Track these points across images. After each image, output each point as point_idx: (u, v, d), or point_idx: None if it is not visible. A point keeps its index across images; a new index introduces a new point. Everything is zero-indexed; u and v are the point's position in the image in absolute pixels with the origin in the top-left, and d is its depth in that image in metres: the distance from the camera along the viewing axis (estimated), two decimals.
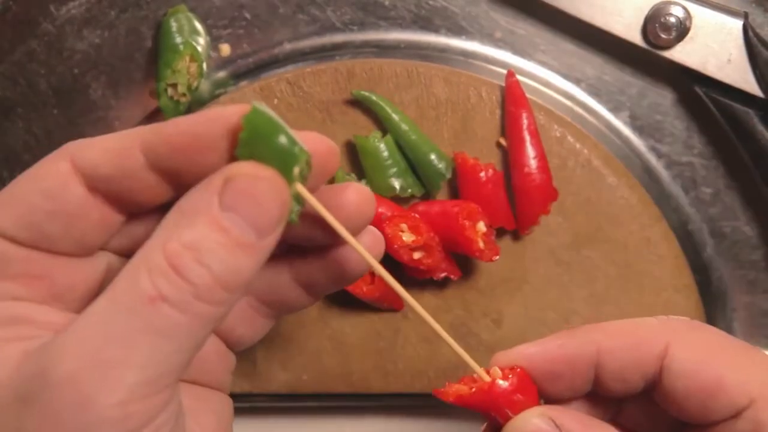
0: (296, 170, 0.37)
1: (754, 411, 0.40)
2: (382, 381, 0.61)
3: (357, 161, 0.59)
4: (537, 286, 0.60)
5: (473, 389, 0.42)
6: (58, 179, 0.38)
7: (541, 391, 0.43)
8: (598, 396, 0.44)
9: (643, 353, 0.41)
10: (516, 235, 0.60)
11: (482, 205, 0.58)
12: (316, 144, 0.39)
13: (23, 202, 0.37)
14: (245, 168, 0.36)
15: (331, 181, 0.59)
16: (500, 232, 0.60)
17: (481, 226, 0.58)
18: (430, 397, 0.61)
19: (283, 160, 0.37)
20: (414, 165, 0.59)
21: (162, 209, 0.39)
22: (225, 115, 0.37)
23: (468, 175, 0.58)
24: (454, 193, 0.60)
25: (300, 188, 0.38)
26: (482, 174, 0.58)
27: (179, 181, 0.38)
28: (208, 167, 0.37)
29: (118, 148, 0.38)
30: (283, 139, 0.36)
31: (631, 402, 0.44)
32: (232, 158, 0.37)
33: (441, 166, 0.59)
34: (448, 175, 0.59)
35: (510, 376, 0.42)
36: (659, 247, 0.60)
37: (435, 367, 0.61)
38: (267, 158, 0.37)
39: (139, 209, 0.39)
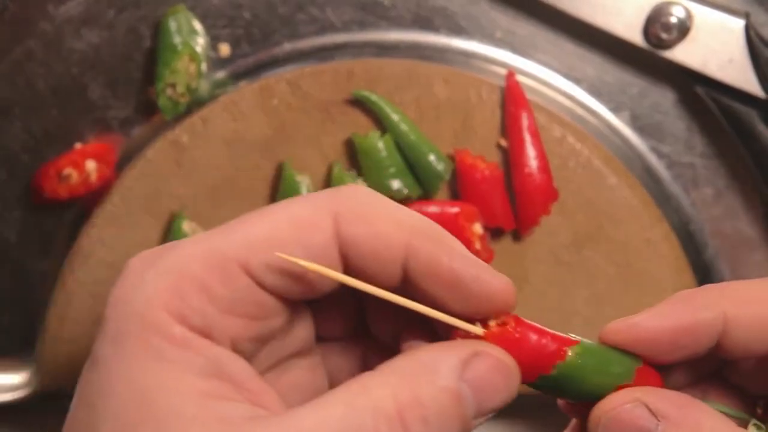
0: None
1: None
2: None
3: (356, 160, 0.59)
4: (537, 287, 0.60)
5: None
6: (323, 239, 0.37)
7: (650, 360, 0.40)
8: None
9: None
10: (516, 236, 0.60)
11: (481, 205, 0.58)
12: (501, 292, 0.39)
13: (284, 251, 0.36)
14: (495, 350, 0.37)
15: (330, 180, 0.59)
16: (500, 233, 0.60)
17: (478, 228, 0.58)
18: None
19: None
20: (413, 166, 0.59)
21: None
22: (494, 278, 0.38)
23: (468, 173, 0.58)
24: (453, 194, 0.59)
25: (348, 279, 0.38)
26: (482, 173, 0.58)
27: (414, 291, 0.38)
28: (446, 306, 0.38)
29: (387, 239, 0.37)
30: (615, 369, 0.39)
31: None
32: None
33: (440, 168, 0.59)
34: (447, 177, 0.59)
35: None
36: (660, 248, 0.60)
37: None
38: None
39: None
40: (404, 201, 0.59)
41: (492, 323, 0.38)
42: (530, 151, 0.58)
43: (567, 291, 0.60)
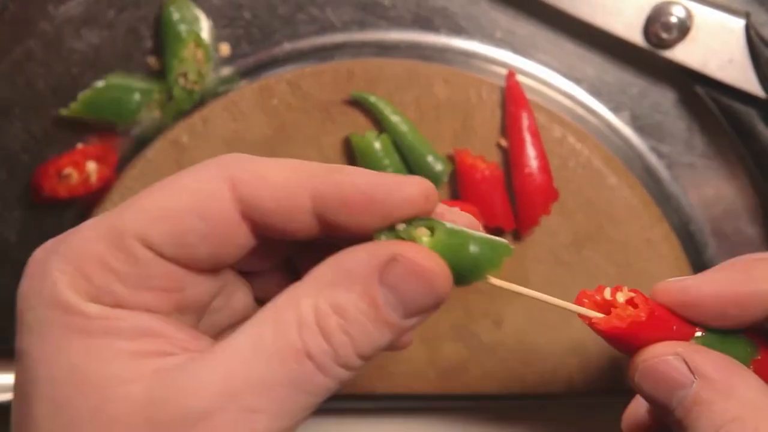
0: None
1: None
2: (385, 382, 0.61)
3: (355, 160, 0.59)
4: (538, 287, 0.60)
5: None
6: (218, 204, 0.37)
7: (699, 323, 0.40)
8: None
9: None
10: (516, 236, 0.60)
11: (481, 205, 0.58)
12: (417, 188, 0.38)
13: (178, 220, 0.37)
14: (415, 252, 0.36)
15: None
16: (500, 233, 0.60)
17: None
18: (432, 398, 0.61)
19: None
20: (411, 167, 0.59)
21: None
22: (405, 185, 0.37)
23: (468, 173, 0.58)
24: (453, 194, 0.59)
25: (494, 280, 0.39)
26: (482, 173, 0.58)
27: (333, 231, 0.38)
28: (367, 229, 0.37)
29: (287, 188, 0.37)
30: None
31: None
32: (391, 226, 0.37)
33: (438, 169, 0.59)
34: (445, 179, 0.59)
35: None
36: (660, 248, 0.59)
37: (436, 369, 0.60)
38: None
39: (281, 242, 0.39)
40: None
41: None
42: (530, 151, 0.58)
43: (567, 291, 0.60)
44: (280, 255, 0.42)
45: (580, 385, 0.60)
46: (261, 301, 0.41)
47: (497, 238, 0.39)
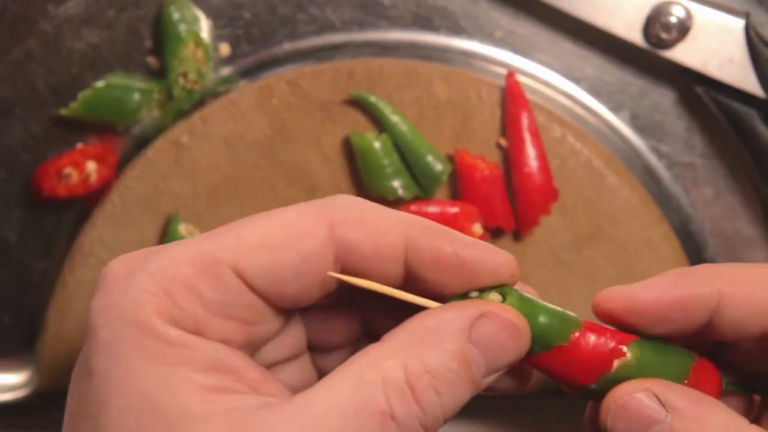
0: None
1: None
2: None
3: (355, 160, 0.59)
4: (537, 287, 0.60)
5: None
6: (316, 243, 0.37)
7: (642, 331, 0.40)
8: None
9: None
10: (516, 236, 0.60)
11: (481, 205, 0.58)
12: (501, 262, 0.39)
13: (275, 254, 0.36)
14: (502, 310, 0.37)
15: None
16: (500, 233, 0.60)
17: (478, 228, 0.58)
18: None
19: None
20: (411, 167, 0.59)
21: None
22: (496, 255, 0.38)
23: (467, 173, 0.58)
24: (453, 194, 0.59)
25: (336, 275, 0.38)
26: (482, 173, 0.58)
27: (412, 284, 0.38)
28: (448, 289, 0.38)
29: (386, 234, 0.37)
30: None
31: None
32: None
33: (438, 169, 0.58)
34: (445, 179, 0.59)
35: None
36: (660, 248, 0.59)
37: None
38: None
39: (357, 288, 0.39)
40: (402, 201, 0.59)
41: (493, 294, 0.38)
42: (530, 151, 0.58)
43: (567, 291, 0.60)
44: (344, 299, 0.42)
45: None
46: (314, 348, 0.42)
47: (566, 310, 0.39)
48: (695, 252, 0.61)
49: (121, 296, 0.36)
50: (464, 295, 0.38)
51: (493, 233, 0.60)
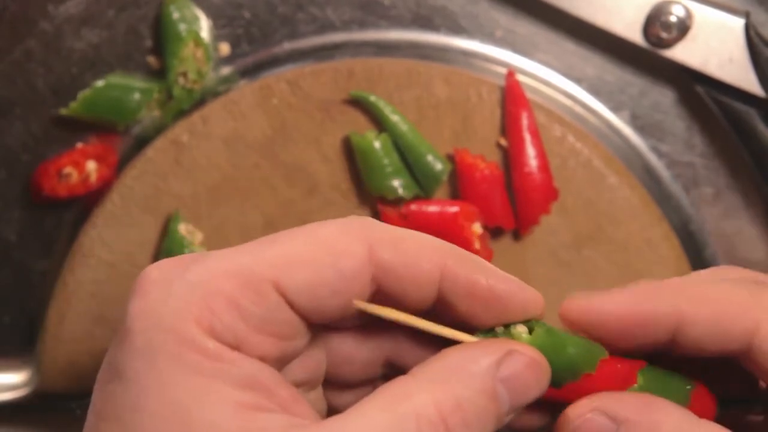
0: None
1: None
2: None
3: (355, 160, 0.59)
4: (537, 287, 0.59)
5: None
6: (355, 262, 0.37)
7: (603, 344, 0.40)
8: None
9: (729, 328, 0.39)
10: (516, 235, 0.60)
11: (481, 204, 0.58)
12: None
13: (316, 271, 0.37)
14: (527, 349, 0.38)
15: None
16: (500, 232, 0.60)
17: (478, 228, 0.58)
18: None
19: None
20: (411, 166, 0.59)
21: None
22: (527, 291, 0.39)
23: (467, 173, 0.58)
24: (453, 194, 0.59)
25: (362, 304, 0.38)
26: (482, 172, 0.58)
27: (441, 311, 0.39)
28: (477, 320, 0.39)
29: (423, 259, 0.38)
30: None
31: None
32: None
33: (437, 169, 0.58)
34: (445, 179, 0.59)
35: None
36: (660, 248, 0.60)
37: None
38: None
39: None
40: (402, 201, 0.59)
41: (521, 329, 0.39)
42: (530, 151, 0.58)
43: (567, 291, 0.59)
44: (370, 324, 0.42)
45: None
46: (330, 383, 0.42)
47: (591, 341, 0.40)
48: (695, 252, 0.61)
49: (159, 303, 0.36)
50: (491, 329, 0.39)
51: (493, 233, 0.60)
